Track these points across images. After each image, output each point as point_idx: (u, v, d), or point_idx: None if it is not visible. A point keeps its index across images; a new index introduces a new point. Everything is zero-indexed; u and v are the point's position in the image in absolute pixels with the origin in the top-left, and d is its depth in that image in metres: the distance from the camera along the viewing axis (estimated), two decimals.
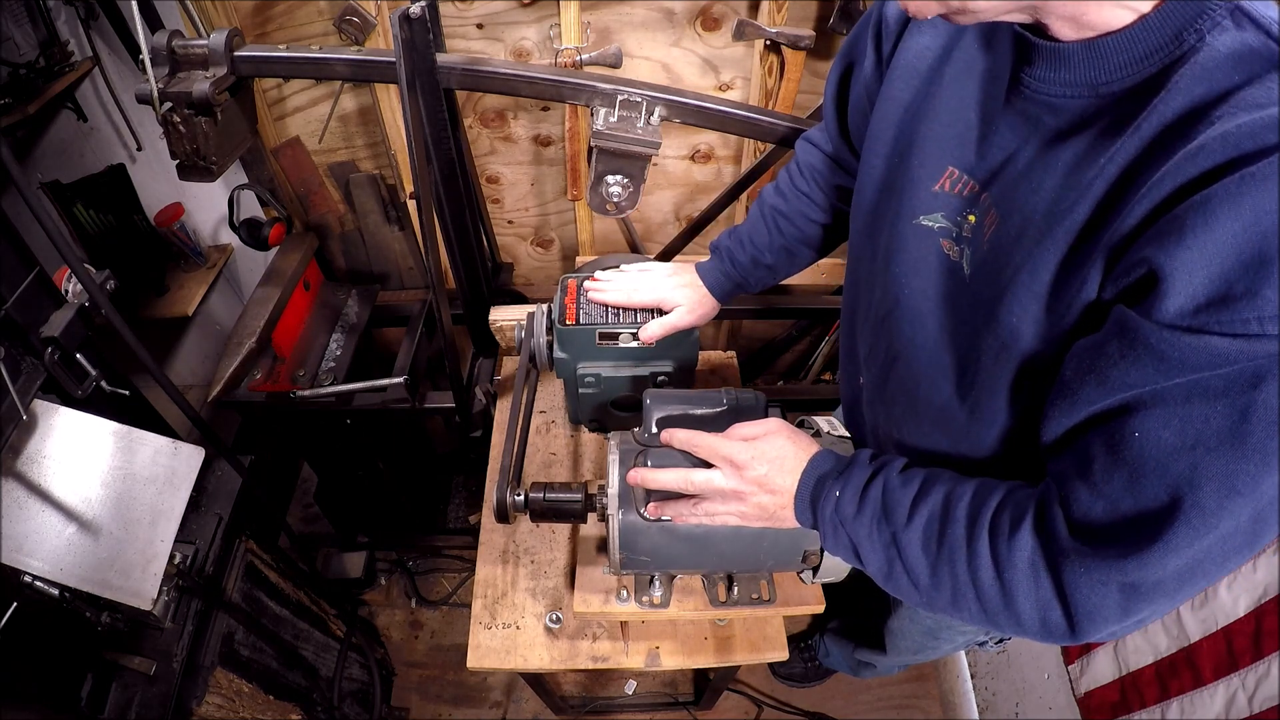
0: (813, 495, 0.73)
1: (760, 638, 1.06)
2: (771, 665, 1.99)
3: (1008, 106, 0.63)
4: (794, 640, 2.01)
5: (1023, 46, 0.59)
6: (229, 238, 2.05)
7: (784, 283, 1.22)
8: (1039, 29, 0.58)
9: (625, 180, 1.27)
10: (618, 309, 1.08)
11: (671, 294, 1.07)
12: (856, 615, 1.75)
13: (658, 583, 0.96)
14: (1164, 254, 0.48)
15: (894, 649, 1.47)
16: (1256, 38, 0.49)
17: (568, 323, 1.06)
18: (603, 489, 0.87)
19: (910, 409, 0.81)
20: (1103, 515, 0.55)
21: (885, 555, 0.68)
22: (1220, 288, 0.46)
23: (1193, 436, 0.50)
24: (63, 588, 0.96)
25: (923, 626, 1.28)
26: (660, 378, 1.10)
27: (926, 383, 0.76)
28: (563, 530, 1.16)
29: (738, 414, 0.89)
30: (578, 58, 1.49)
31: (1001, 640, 1.24)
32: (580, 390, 1.12)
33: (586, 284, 1.11)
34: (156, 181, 1.93)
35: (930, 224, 0.72)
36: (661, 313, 1.07)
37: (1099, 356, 0.54)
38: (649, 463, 0.81)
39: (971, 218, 0.67)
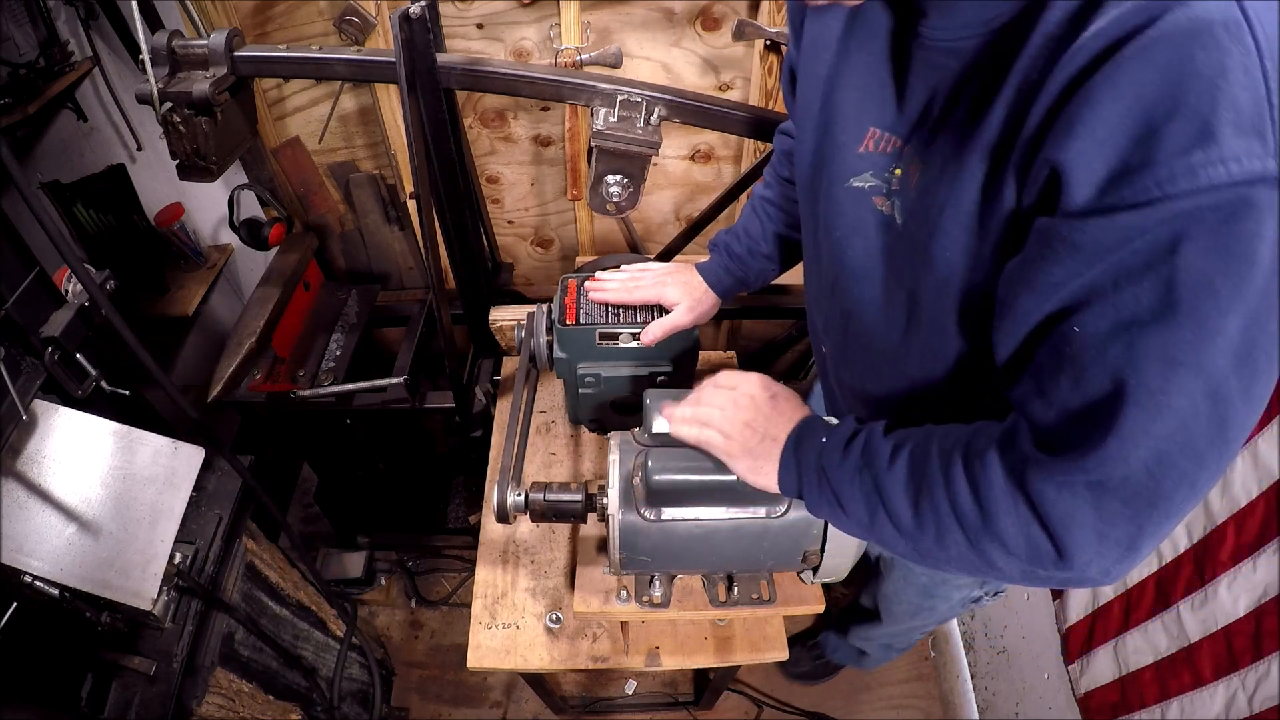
0: (798, 447, 0.75)
1: (760, 638, 1.06)
2: (781, 665, 1.99)
3: (913, 60, 0.66)
4: (802, 638, 2.01)
5: (913, 2, 0.62)
6: (229, 238, 2.05)
7: (783, 282, 1.22)
8: None
9: (625, 180, 1.27)
10: (618, 308, 1.08)
11: (671, 291, 1.07)
12: (849, 596, 1.75)
13: (658, 583, 0.96)
14: (1060, 150, 0.50)
15: (889, 616, 1.46)
16: None
17: (568, 323, 1.06)
18: (603, 489, 0.87)
19: (869, 363, 0.84)
20: (1056, 418, 0.56)
21: (868, 504, 0.68)
22: (1117, 165, 0.48)
23: (1126, 317, 0.50)
24: (63, 588, 0.96)
25: (917, 585, 1.27)
26: (660, 378, 1.10)
27: (879, 335, 0.79)
28: (563, 530, 1.16)
29: None
30: (578, 58, 1.49)
31: (998, 592, 1.22)
32: (580, 390, 1.12)
33: (586, 284, 1.11)
34: (156, 181, 1.93)
35: (861, 185, 0.74)
36: (661, 311, 1.07)
37: (1025, 267, 0.56)
38: (650, 463, 0.81)
39: (898, 171, 0.70)
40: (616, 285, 1.09)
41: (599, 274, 1.12)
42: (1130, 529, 0.55)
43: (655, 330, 1.05)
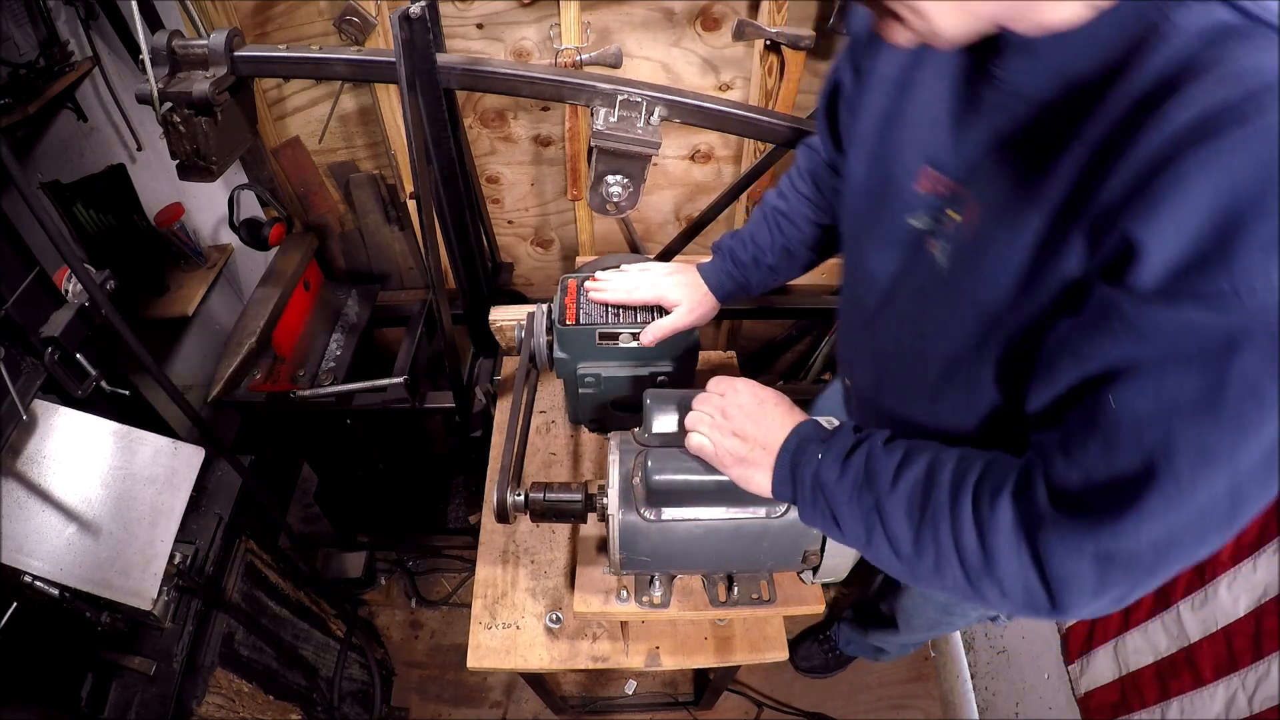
0: (794, 457, 0.73)
1: (760, 638, 1.06)
2: (792, 660, 1.99)
3: (980, 100, 0.64)
4: (813, 632, 2.02)
5: (990, 40, 0.60)
6: (229, 238, 2.05)
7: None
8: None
9: (625, 180, 1.27)
10: (618, 308, 1.08)
11: (671, 292, 1.07)
12: (867, 597, 1.75)
13: (658, 583, 0.96)
14: (1140, 225, 0.48)
15: (907, 627, 1.47)
16: (1224, 10, 0.49)
17: (568, 323, 1.06)
18: (603, 489, 0.87)
19: (899, 402, 0.83)
20: (1079, 483, 0.55)
21: (865, 523, 0.67)
22: (1194, 253, 0.46)
23: (1168, 404, 0.50)
24: (63, 588, 0.96)
25: (936, 603, 1.28)
26: (660, 378, 1.10)
27: (914, 379, 0.78)
28: (563, 530, 1.16)
29: None
30: (578, 58, 1.49)
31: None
32: (580, 390, 1.12)
33: (586, 284, 1.11)
34: (156, 181, 1.93)
35: (915, 223, 0.73)
36: (661, 312, 1.07)
37: (1077, 333, 0.55)
38: (650, 463, 0.81)
39: (951, 213, 0.68)
40: (616, 285, 1.08)
41: (599, 274, 1.12)
42: (1124, 589, 0.56)
43: (655, 331, 1.04)
